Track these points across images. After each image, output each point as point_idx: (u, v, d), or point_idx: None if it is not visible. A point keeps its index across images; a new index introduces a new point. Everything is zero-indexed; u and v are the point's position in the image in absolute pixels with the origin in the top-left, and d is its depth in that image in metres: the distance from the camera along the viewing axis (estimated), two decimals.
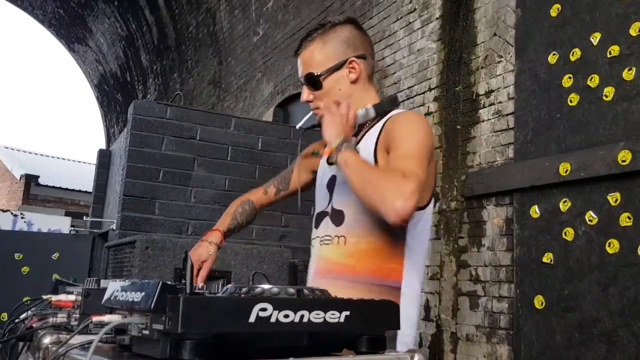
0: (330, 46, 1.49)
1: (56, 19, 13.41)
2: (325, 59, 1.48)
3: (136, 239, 2.65)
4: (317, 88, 1.49)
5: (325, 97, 1.49)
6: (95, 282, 1.18)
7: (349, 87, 1.50)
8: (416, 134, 1.38)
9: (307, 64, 1.50)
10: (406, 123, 1.42)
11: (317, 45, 1.50)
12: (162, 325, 0.75)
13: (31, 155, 18.02)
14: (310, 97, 1.52)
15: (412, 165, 1.29)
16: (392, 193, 1.23)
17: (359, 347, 0.91)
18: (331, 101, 1.48)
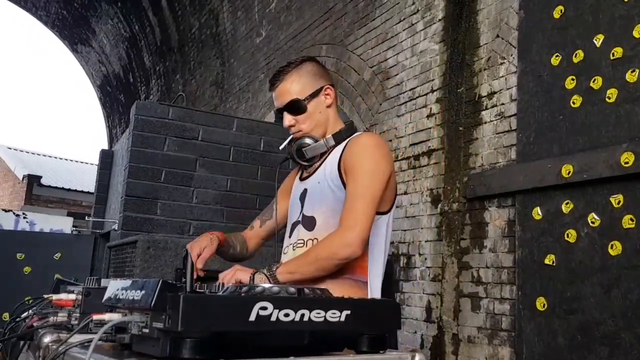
0: (305, 77, 1.71)
1: (59, 19, 13.45)
2: (303, 87, 1.70)
3: (138, 239, 2.64)
4: (301, 112, 1.69)
5: (308, 120, 1.70)
6: (95, 281, 1.18)
7: (326, 111, 1.73)
8: (368, 164, 1.59)
9: (288, 93, 1.69)
10: (360, 150, 1.62)
11: (294, 77, 1.71)
12: (162, 324, 0.75)
13: (34, 155, 18.05)
14: (292, 122, 1.70)
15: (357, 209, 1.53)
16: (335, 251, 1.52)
17: (360, 347, 0.91)
18: (313, 123, 1.70)
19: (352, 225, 1.51)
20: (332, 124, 1.75)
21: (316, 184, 1.71)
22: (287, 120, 1.71)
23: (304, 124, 1.70)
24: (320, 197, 1.66)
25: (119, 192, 4.06)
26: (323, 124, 1.73)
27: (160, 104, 3.99)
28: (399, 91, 4.46)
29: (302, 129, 1.71)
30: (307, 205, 1.71)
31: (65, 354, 0.86)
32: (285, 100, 1.70)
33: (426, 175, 4.04)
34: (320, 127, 1.73)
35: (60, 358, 0.87)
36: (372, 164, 1.60)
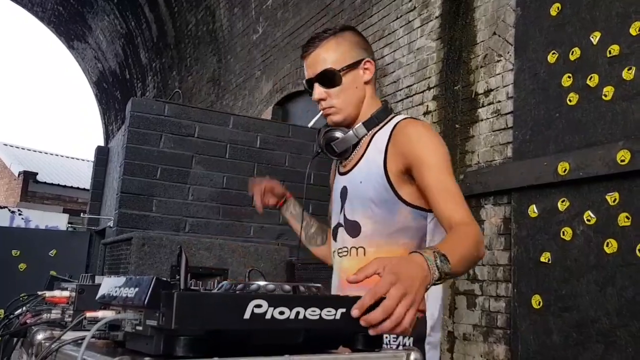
0: (344, 46, 1.50)
1: (55, 16, 13.40)
2: (342, 56, 1.48)
3: (133, 236, 2.64)
4: (334, 85, 1.48)
5: (342, 94, 1.48)
6: (90, 278, 1.17)
7: (362, 87, 1.52)
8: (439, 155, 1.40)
9: (322, 62, 1.48)
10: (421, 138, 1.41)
11: (332, 44, 1.49)
12: (156, 321, 0.75)
13: (30, 152, 18.00)
14: (323, 95, 1.49)
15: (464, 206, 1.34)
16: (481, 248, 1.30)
17: (355, 345, 0.90)
18: (347, 99, 1.49)
19: (476, 224, 1.33)
20: (368, 104, 1.53)
21: (358, 184, 1.49)
22: (318, 93, 1.49)
23: (336, 99, 1.49)
24: (364, 200, 1.45)
25: (114, 189, 4.04)
26: (357, 102, 1.51)
27: (156, 100, 3.98)
28: (395, 88, 4.45)
29: (334, 104, 1.49)
30: (348, 207, 1.52)
31: (58, 351, 0.86)
32: (318, 70, 1.48)
33: None
34: (354, 105, 1.51)
35: (53, 355, 0.86)
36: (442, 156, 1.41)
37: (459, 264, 1.17)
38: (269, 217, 4.07)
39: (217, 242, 2.91)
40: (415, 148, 1.39)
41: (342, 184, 1.56)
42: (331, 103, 1.49)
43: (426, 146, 1.40)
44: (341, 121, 1.51)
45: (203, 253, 2.83)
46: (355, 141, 1.51)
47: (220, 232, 3.84)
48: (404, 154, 1.40)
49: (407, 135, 1.42)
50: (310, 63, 1.51)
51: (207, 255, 2.83)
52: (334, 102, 1.49)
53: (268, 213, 4.11)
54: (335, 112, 1.50)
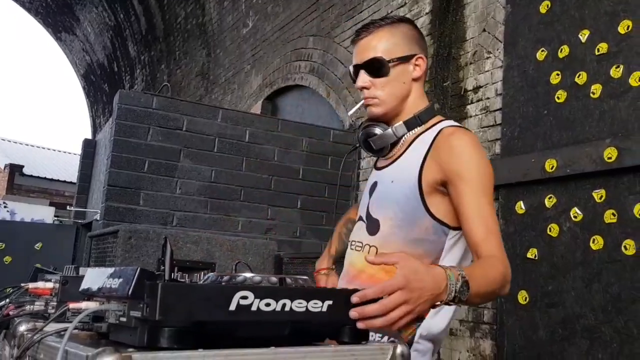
0: (398, 37, 1.44)
1: (43, 7, 13.26)
2: (394, 47, 1.42)
3: (119, 229, 2.62)
4: (381, 75, 1.41)
5: (387, 86, 1.42)
6: (74, 270, 1.16)
7: (410, 83, 1.45)
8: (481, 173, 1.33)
9: (373, 49, 1.42)
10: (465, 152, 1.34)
11: (386, 33, 1.43)
12: (140, 313, 0.74)
13: (16, 144, 17.83)
14: (367, 83, 1.42)
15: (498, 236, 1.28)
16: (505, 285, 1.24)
17: (342, 337, 0.90)
18: (392, 93, 1.43)
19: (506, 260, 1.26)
20: (413, 102, 1.46)
21: (389, 183, 1.43)
22: (362, 80, 1.42)
23: (381, 90, 1.42)
24: (390, 201, 1.40)
25: (101, 182, 4.01)
26: (403, 97, 1.44)
27: (144, 93, 3.95)
28: None
29: (378, 95, 1.42)
30: (374, 204, 1.46)
31: (41, 342, 0.85)
32: (367, 57, 1.42)
33: None
34: (399, 100, 1.44)
35: (36, 347, 0.85)
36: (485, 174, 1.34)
37: (477, 296, 1.14)
38: (257, 212, 4.06)
39: (205, 236, 2.90)
40: (456, 162, 1.32)
41: (374, 179, 1.51)
42: (375, 93, 1.43)
43: (468, 162, 1.32)
44: (382, 114, 1.45)
45: (190, 247, 2.81)
46: (394, 140, 1.44)
47: (208, 226, 3.82)
48: (443, 166, 1.33)
49: (450, 146, 1.35)
50: (360, 49, 1.45)
51: (194, 249, 2.82)
52: (378, 92, 1.42)
53: (257, 207, 4.11)
54: (377, 104, 1.44)
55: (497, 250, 1.25)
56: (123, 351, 0.69)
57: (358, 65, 1.44)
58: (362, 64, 1.42)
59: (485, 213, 1.28)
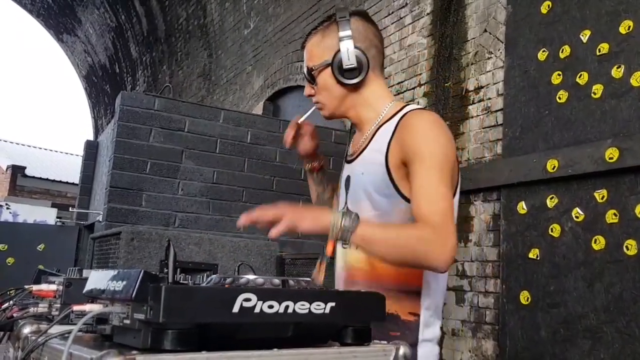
0: (329, 39, 1.41)
1: (45, 8, 13.28)
2: (322, 52, 1.41)
3: (121, 230, 2.62)
4: (315, 83, 1.44)
5: (324, 92, 1.43)
6: (77, 272, 1.16)
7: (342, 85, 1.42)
8: (436, 148, 1.30)
9: (308, 58, 1.45)
10: (423, 130, 1.32)
11: (317, 38, 1.44)
12: (144, 315, 0.74)
13: (18, 146, 17.86)
14: (311, 91, 1.46)
15: (439, 208, 1.23)
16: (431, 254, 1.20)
17: (344, 339, 0.90)
18: (329, 95, 1.43)
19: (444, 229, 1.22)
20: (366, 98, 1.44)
21: (360, 175, 1.42)
22: (307, 89, 1.47)
23: (319, 95, 1.44)
24: (365, 192, 1.39)
25: (103, 184, 4.02)
26: (342, 96, 1.43)
27: (146, 94, 3.95)
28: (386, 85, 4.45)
29: (319, 100, 1.45)
30: (351, 197, 1.45)
31: (45, 345, 0.85)
32: (305, 67, 1.46)
33: None
34: (339, 100, 1.44)
35: (40, 349, 0.86)
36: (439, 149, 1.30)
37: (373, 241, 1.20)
38: None
39: (207, 237, 2.91)
40: (412, 139, 1.30)
41: (346, 173, 1.50)
42: (317, 99, 1.46)
43: (423, 139, 1.30)
44: (328, 116, 1.48)
45: (192, 248, 2.82)
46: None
47: (210, 227, 3.83)
48: (403, 145, 1.31)
49: (408, 124, 1.33)
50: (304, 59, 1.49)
51: (196, 250, 2.82)
52: (319, 97, 1.45)
53: None
54: (321, 108, 1.47)
55: (434, 219, 1.21)
56: (127, 353, 0.69)
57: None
58: (304, 74, 1.47)
59: (432, 188, 1.25)
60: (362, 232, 1.19)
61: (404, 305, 1.34)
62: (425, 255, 1.19)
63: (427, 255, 1.19)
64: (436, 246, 1.19)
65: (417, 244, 1.20)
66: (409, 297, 1.34)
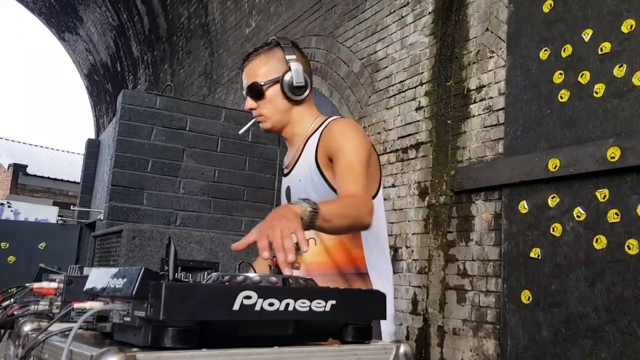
0: (273, 60, 1.63)
1: (46, 7, 13.28)
2: (268, 71, 1.62)
3: (123, 229, 2.62)
4: (259, 97, 1.62)
5: (268, 105, 1.62)
6: (78, 270, 1.16)
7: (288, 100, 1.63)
8: (352, 142, 1.52)
9: (252, 76, 1.63)
10: (341, 131, 1.55)
11: (262, 59, 1.63)
12: (144, 312, 0.74)
13: (20, 144, 17.87)
14: (253, 105, 1.63)
15: (360, 182, 1.46)
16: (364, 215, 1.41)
17: (345, 337, 0.90)
18: (273, 108, 1.62)
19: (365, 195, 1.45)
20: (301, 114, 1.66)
21: (297, 182, 1.64)
22: (248, 103, 1.65)
23: (263, 109, 1.63)
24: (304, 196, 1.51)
25: (105, 182, 4.02)
26: (285, 110, 1.64)
27: (148, 93, 3.95)
28: (388, 84, 4.45)
29: (263, 113, 1.63)
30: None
31: (45, 342, 0.85)
32: (248, 82, 1.64)
33: (414, 168, 4.05)
34: (281, 114, 1.64)
35: (40, 346, 0.86)
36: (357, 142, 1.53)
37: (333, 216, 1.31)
38: (261, 211, 4.07)
39: (208, 236, 2.91)
40: (334, 140, 1.53)
41: (286, 185, 1.71)
42: (260, 112, 1.64)
43: (344, 137, 1.53)
44: (270, 128, 1.66)
45: (194, 246, 2.82)
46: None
47: (212, 225, 3.83)
48: (327, 147, 1.54)
49: (331, 130, 1.57)
50: (244, 76, 1.66)
51: (197, 249, 2.82)
52: (263, 111, 1.63)
53: (260, 207, 4.11)
54: (264, 120, 1.64)
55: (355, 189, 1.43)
56: (127, 351, 0.69)
57: (245, 91, 1.66)
58: (245, 90, 1.64)
59: (354, 167, 1.47)
60: (325, 212, 1.29)
61: (359, 285, 1.53)
62: (363, 218, 1.40)
63: (364, 217, 1.40)
64: (366, 208, 1.41)
65: (356, 209, 1.40)
66: (361, 278, 1.54)
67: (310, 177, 1.58)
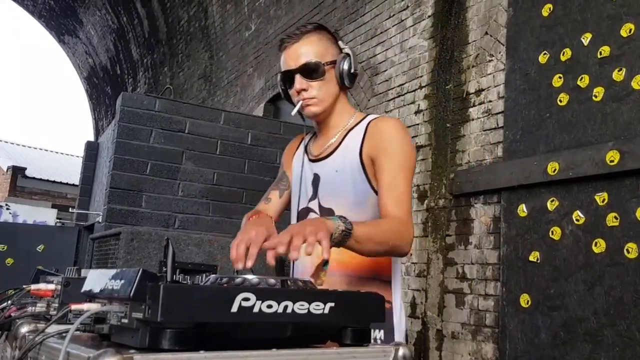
0: (326, 42, 1.54)
1: (46, 10, 13.29)
2: (323, 52, 1.52)
3: (121, 231, 2.62)
4: (316, 77, 1.51)
5: (324, 87, 1.52)
6: (75, 272, 1.16)
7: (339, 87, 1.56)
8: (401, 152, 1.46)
9: (305, 54, 1.51)
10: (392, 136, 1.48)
11: (314, 39, 1.53)
12: (142, 314, 0.74)
13: (19, 147, 17.86)
14: (305, 85, 1.51)
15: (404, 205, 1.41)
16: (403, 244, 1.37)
17: (343, 339, 0.90)
18: (328, 91, 1.53)
19: (409, 222, 1.39)
20: (342, 105, 1.59)
21: (333, 173, 1.53)
22: (299, 83, 1.51)
23: (317, 91, 1.52)
24: (340, 189, 1.51)
25: (103, 184, 4.01)
26: (336, 96, 1.56)
27: (147, 95, 3.95)
28: (387, 87, 4.45)
29: (315, 95, 1.52)
30: (323, 194, 1.55)
31: (42, 344, 0.85)
32: (301, 61, 1.50)
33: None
34: (333, 98, 1.56)
35: (37, 348, 0.85)
36: (404, 155, 1.46)
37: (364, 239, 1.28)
38: None
39: (207, 238, 2.90)
40: (382, 140, 1.47)
41: (313, 171, 1.60)
42: (312, 94, 1.52)
43: (391, 140, 1.47)
44: (320, 112, 1.55)
45: (192, 249, 2.81)
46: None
47: (210, 228, 3.82)
48: (374, 146, 1.48)
49: (379, 129, 1.50)
50: (291, 54, 1.53)
51: (196, 251, 2.81)
52: (315, 93, 1.52)
53: None
54: (316, 103, 1.53)
55: (400, 214, 1.38)
56: (125, 353, 0.69)
57: (292, 70, 1.52)
58: (297, 68, 1.51)
59: (398, 186, 1.42)
60: (359, 233, 1.26)
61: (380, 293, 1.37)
62: (400, 247, 1.36)
63: (401, 247, 1.36)
64: (406, 238, 1.37)
65: (396, 239, 1.35)
66: (383, 286, 1.47)
67: (350, 171, 1.49)
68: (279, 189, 1.76)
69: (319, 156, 1.60)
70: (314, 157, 1.62)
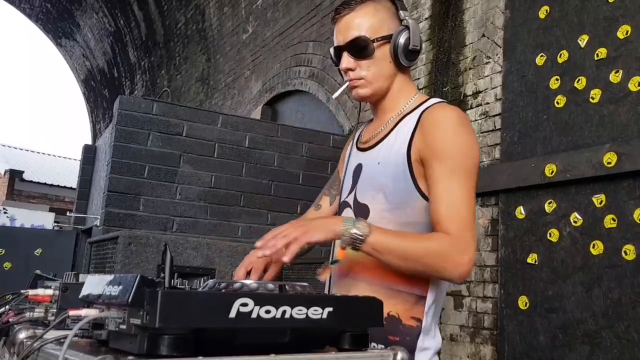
0: (382, 14, 1.33)
1: (43, 13, 13.29)
2: (379, 25, 1.31)
3: (119, 235, 2.62)
4: (365, 56, 1.31)
5: (372, 67, 1.32)
6: (74, 277, 1.15)
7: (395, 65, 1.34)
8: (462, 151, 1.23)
9: (356, 28, 1.31)
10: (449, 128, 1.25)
11: (369, 10, 1.32)
12: (140, 320, 0.73)
13: (16, 150, 17.84)
14: (352, 64, 1.32)
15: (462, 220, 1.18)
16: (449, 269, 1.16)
17: (342, 344, 0.89)
18: (379, 72, 1.33)
19: (463, 240, 1.16)
20: (400, 81, 1.36)
21: (375, 165, 1.33)
22: (346, 62, 1.32)
23: (366, 71, 1.32)
24: (379, 184, 1.31)
25: (101, 188, 4.01)
26: (390, 76, 1.34)
27: (145, 98, 3.95)
28: None
29: (364, 76, 1.32)
30: (361, 187, 1.36)
31: (40, 350, 0.84)
32: (350, 37, 1.31)
33: None
34: (386, 80, 1.34)
35: (35, 354, 0.85)
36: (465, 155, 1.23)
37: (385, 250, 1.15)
38: (257, 217, 4.06)
39: (205, 242, 2.90)
40: (433, 135, 1.24)
41: (357, 161, 1.41)
42: (360, 74, 1.33)
43: (444, 138, 1.23)
44: (369, 95, 1.36)
45: (190, 252, 2.81)
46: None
47: (208, 231, 3.82)
48: (426, 142, 1.25)
49: (433, 120, 1.26)
50: (341, 28, 1.33)
51: (194, 255, 2.81)
52: (364, 73, 1.32)
53: (256, 213, 4.10)
54: (364, 85, 1.34)
55: (453, 230, 1.17)
56: (123, 359, 0.69)
57: (340, 47, 1.34)
58: (344, 45, 1.32)
59: (453, 194, 1.19)
60: (374, 241, 1.14)
61: (408, 308, 1.26)
62: (441, 270, 1.17)
63: (443, 269, 1.17)
64: (452, 260, 1.16)
65: (432, 258, 1.16)
66: (413, 300, 1.26)
67: (394, 166, 1.28)
68: (330, 195, 1.57)
69: (366, 144, 1.41)
70: (362, 144, 1.43)
